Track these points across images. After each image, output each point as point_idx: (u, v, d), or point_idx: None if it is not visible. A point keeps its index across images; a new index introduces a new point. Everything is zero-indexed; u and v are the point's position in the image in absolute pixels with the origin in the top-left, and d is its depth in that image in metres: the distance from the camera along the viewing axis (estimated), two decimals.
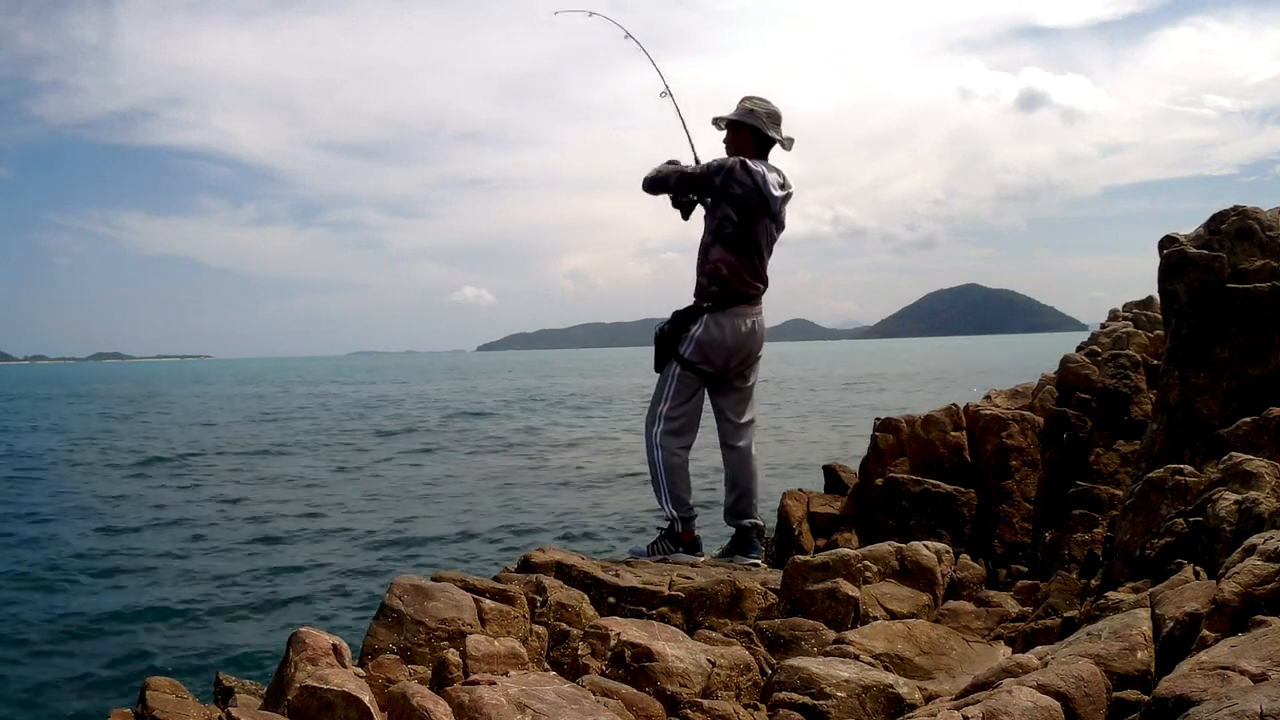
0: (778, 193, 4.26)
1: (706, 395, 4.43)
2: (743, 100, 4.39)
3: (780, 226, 4.38)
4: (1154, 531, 3.04)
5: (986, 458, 6.32)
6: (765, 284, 4.37)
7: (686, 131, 4.69)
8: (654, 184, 4.41)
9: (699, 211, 4.50)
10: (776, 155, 4.43)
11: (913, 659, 2.89)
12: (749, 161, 4.24)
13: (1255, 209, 4.48)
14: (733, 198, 4.21)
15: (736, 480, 4.43)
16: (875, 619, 3.21)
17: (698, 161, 4.48)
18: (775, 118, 4.35)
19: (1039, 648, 2.56)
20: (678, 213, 4.53)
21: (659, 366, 4.38)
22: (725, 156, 4.31)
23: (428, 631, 2.81)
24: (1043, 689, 2.02)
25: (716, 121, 4.44)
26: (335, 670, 2.43)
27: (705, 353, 4.27)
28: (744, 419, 4.44)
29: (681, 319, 4.32)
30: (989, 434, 6.37)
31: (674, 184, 4.36)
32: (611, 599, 3.51)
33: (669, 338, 4.32)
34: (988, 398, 7.32)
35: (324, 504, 15.60)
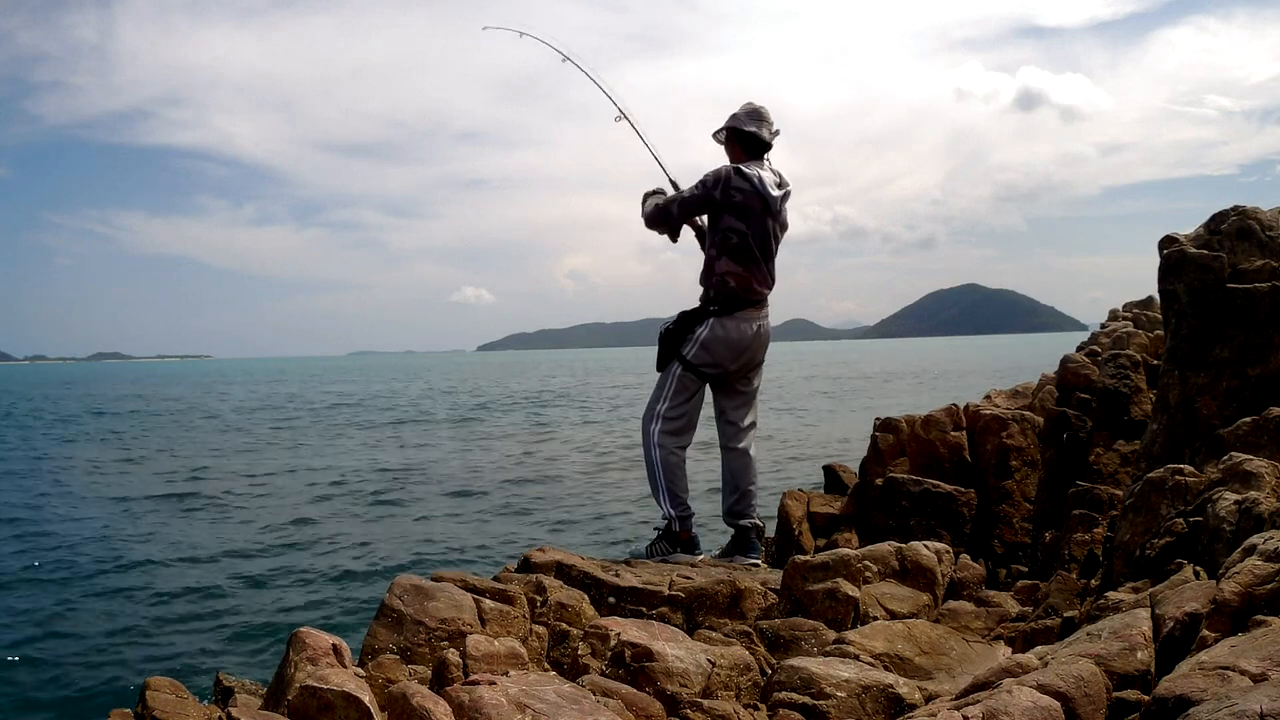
0: (775, 192, 4.27)
1: (706, 397, 4.44)
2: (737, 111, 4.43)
3: (784, 226, 4.39)
4: (1154, 531, 3.04)
5: (986, 458, 6.32)
6: (772, 285, 4.38)
7: (651, 151, 4.70)
8: (656, 220, 4.39)
9: (686, 231, 4.52)
10: (773, 152, 4.44)
11: (913, 659, 2.89)
12: (742, 167, 4.24)
13: (1255, 209, 4.48)
14: (735, 206, 4.21)
15: (736, 482, 4.44)
16: (875, 619, 3.20)
17: (671, 180, 4.50)
18: (755, 115, 4.36)
19: (1039, 648, 2.56)
20: (665, 236, 4.52)
21: (661, 366, 4.40)
22: (720, 166, 4.32)
23: (428, 631, 2.81)
24: (1043, 689, 2.02)
25: (716, 136, 4.46)
26: (335, 670, 2.43)
27: (709, 354, 4.28)
28: (745, 422, 4.45)
29: (687, 320, 4.33)
30: (989, 434, 6.37)
31: (677, 213, 4.35)
32: (611, 599, 3.51)
33: (673, 338, 4.34)
34: (988, 398, 7.31)
35: (323, 503, 15.60)
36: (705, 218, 4.41)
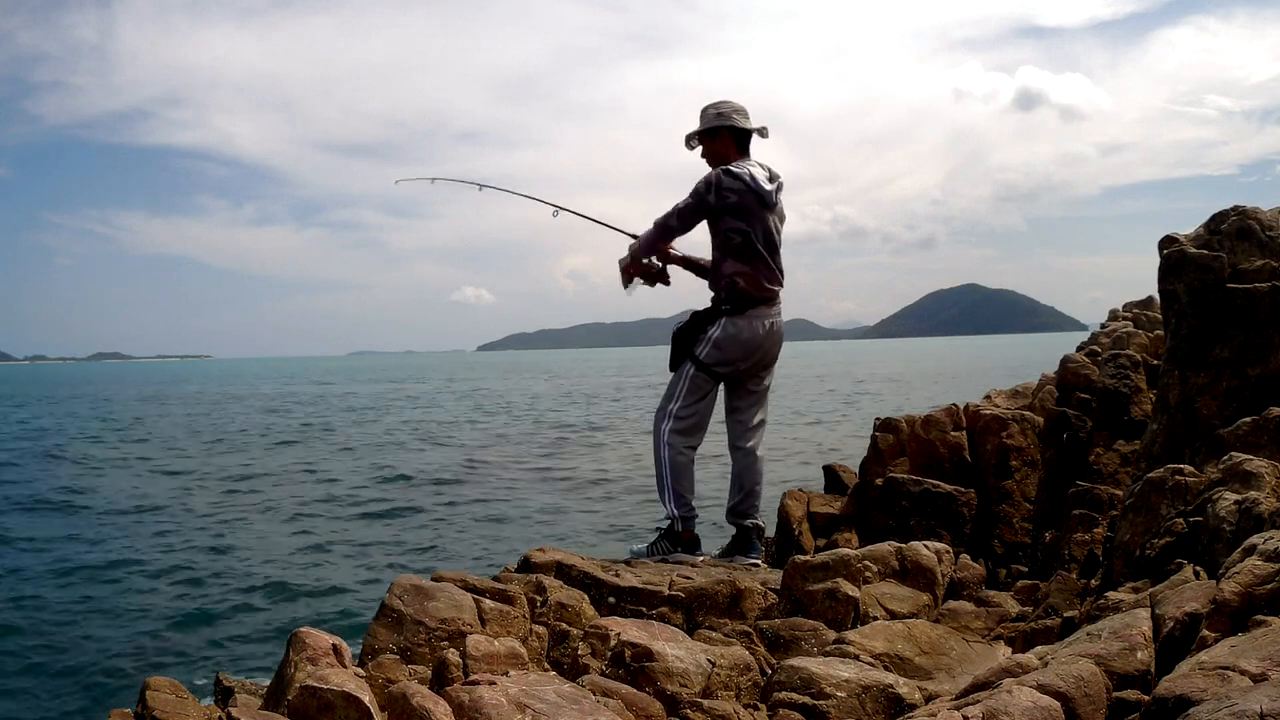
0: (768, 185, 4.26)
1: (718, 397, 4.43)
2: (705, 109, 4.39)
3: (782, 218, 4.38)
4: (1154, 531, 3.04)
5: (986, 458, 6.32)
6: (782, 281, 4.37)
7: (606, 224, 4.83)
8: (656, 239, 4.40)
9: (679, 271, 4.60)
10: (757, 148, 4.44)
11: (913, 659, 2.89)
12: (730, 167, 4.23)
13: (1255, 209, 4.47)
14: (731, 206, 4.20)
15: (742, 481, 4.43)
16: (875, 619, 3.20)
17: (637, 241, 4.50)
18: (743, 112, 4.36)
19: (1039, 648, 2.56)
20: (653, 286, 4.58)
21: (674, 366, 4.39)
22: (708, 172, 4.30)
23: (428, 631, 2.81)
24: (1043, 689, 2.02)
25: (689, 140, 4.43)
26: (335, 670, 2.43)
27: (722, 353, 4.27)
28: (755, 420, 4.44)
29: (699, 320, 4.33)
30: (989, 434, 6.36)
31: (678, 223, 4.33)
32: (611, 599, 3.51)
33: (686, 337, 4.33)
34: (988, 398, 7.31)
35: (323, 503, 15.60)
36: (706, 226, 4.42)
